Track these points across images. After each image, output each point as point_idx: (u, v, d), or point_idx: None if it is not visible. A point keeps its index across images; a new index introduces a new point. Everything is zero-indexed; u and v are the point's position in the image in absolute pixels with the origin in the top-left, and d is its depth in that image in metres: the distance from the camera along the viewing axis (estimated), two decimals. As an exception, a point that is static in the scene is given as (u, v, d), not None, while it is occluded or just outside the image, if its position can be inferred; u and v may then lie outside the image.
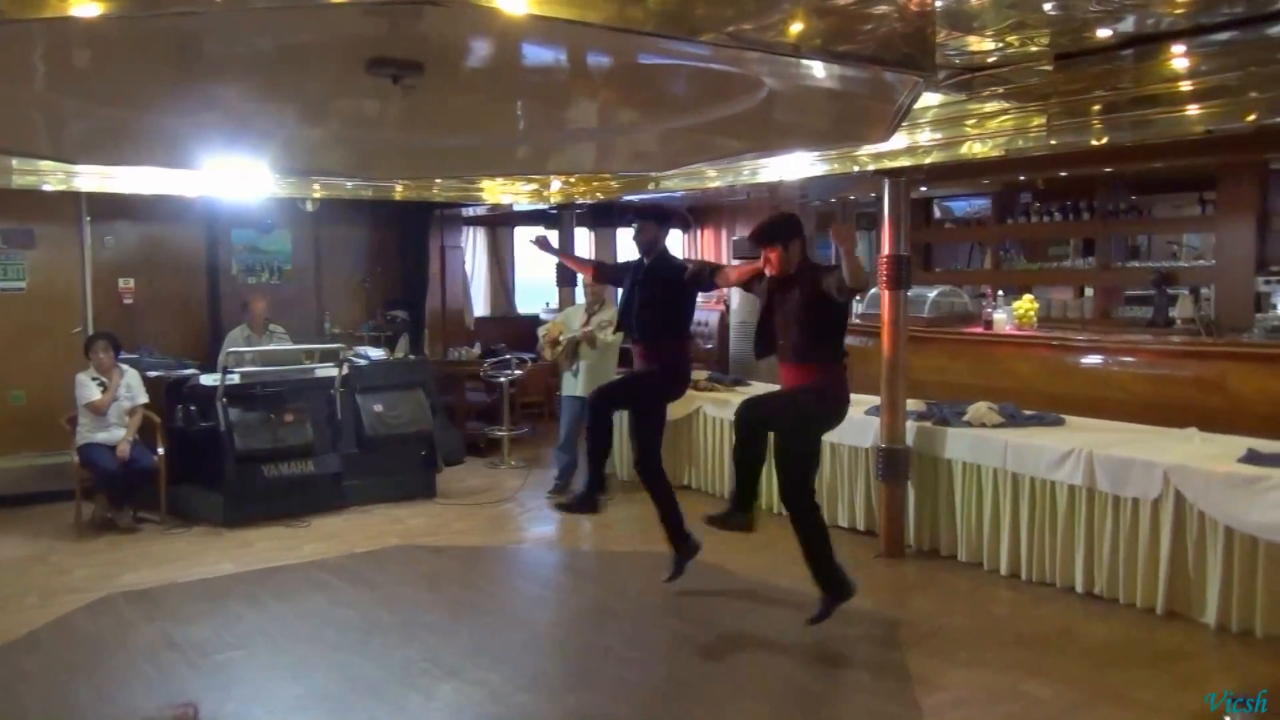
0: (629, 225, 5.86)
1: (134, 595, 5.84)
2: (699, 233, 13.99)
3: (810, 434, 5.06)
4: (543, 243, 6.47)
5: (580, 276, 8.16)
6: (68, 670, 4.78)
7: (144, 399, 7.47)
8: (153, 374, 7.88)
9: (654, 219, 5.75)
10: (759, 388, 8.39)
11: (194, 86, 4.70)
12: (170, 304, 9.46)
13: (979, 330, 8.58)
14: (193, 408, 7.53)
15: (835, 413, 5.06)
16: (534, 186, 9.11)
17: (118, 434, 7.30)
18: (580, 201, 9.27)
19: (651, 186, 8.61)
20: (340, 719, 4.29)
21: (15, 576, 6.22)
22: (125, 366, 7.54)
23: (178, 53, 4.10)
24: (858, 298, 4.53)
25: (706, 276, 5.46)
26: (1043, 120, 5.43)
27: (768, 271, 4.98)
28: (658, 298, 5.59)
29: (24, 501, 7.88)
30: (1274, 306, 7.88)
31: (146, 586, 5.99)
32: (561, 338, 7.98)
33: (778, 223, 5.00)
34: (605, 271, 6.38)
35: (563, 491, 8.12)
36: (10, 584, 6.07)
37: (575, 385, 7.95)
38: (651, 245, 5.71)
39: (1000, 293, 9.38)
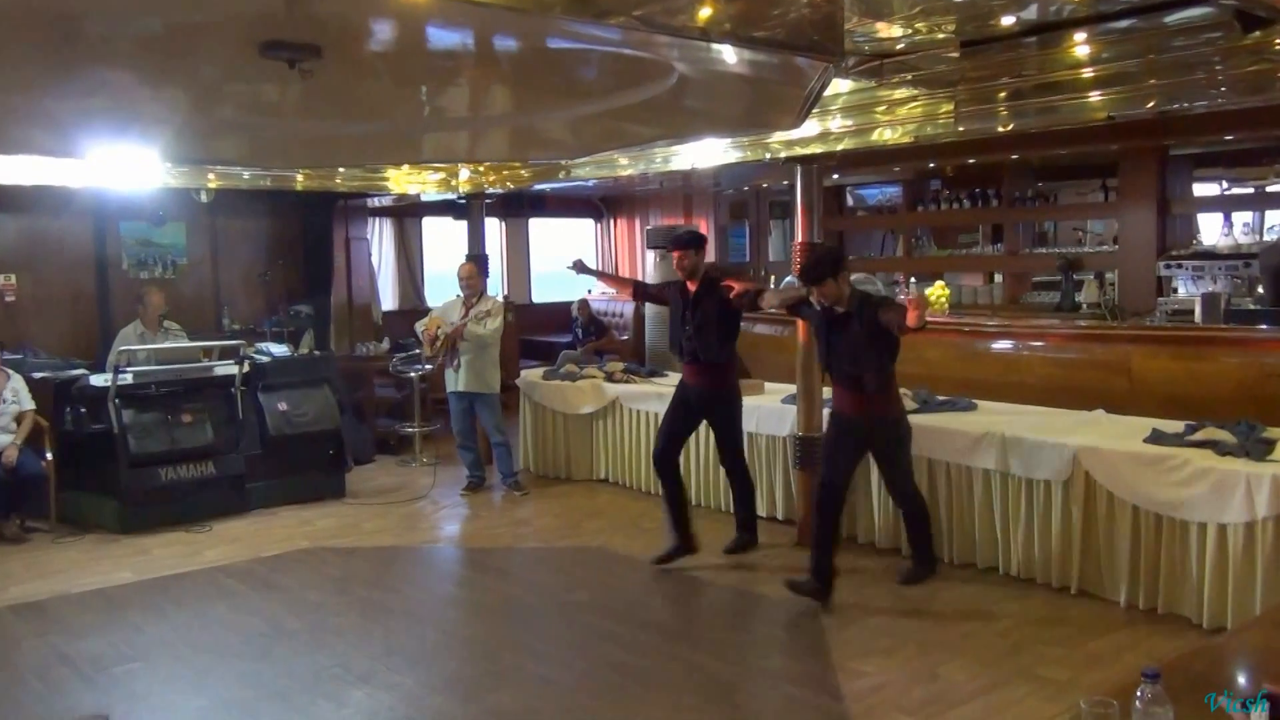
0: (673, 249, 6.12)
1: (22, 609, 5.62)
2: (613, 223, 14.00)
3: (908, 451, 5.60)
4: (580, 266, 6.82)
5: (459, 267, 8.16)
6: (-51, 690, 4.57)
7: (31, 406, 7.19)
8: (39, 375, 7.58)
9: (694, 245, 6.11)
10: (675, 378, 8.41)
11: (77, 68, 4.51)
12: (56, 301, 9.11)
13: (892, 317, 8.69)
14: (83, 410, 7.26)
15: (908, 428, 5.58)
16: (441, 176, 9.00)
17: (2, 440, 7.00)
18: (490, 190, 9.18)
19: (562, 175, 8.58)
20: (246, 730, 4.19)
21: (-110, 593, 5.92)
22: (10, 371, 7.23)
23: (57, 31, 3.93)
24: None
25: (750, 299, 5.87)
26: (951, 107, 5.54)
27: (816, 300, 5.42)
28: (710, 321, 6.00)
29: (-101, 513, 7.50)
30: (1174, 290, 8.18)
31: (36, 599, 5.77)
32: (439, 332, 7.85)
33: (825, 258, 5.39)
34: (645, 291, 6.72)
35: (478, 489, 8.07)
36: (-115, 601, 5.78)
37: (456, 381, 7.87)
38: (696, 269, 6.08)
39: (913, 279, 9.56)
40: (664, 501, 6.26)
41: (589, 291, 13.27)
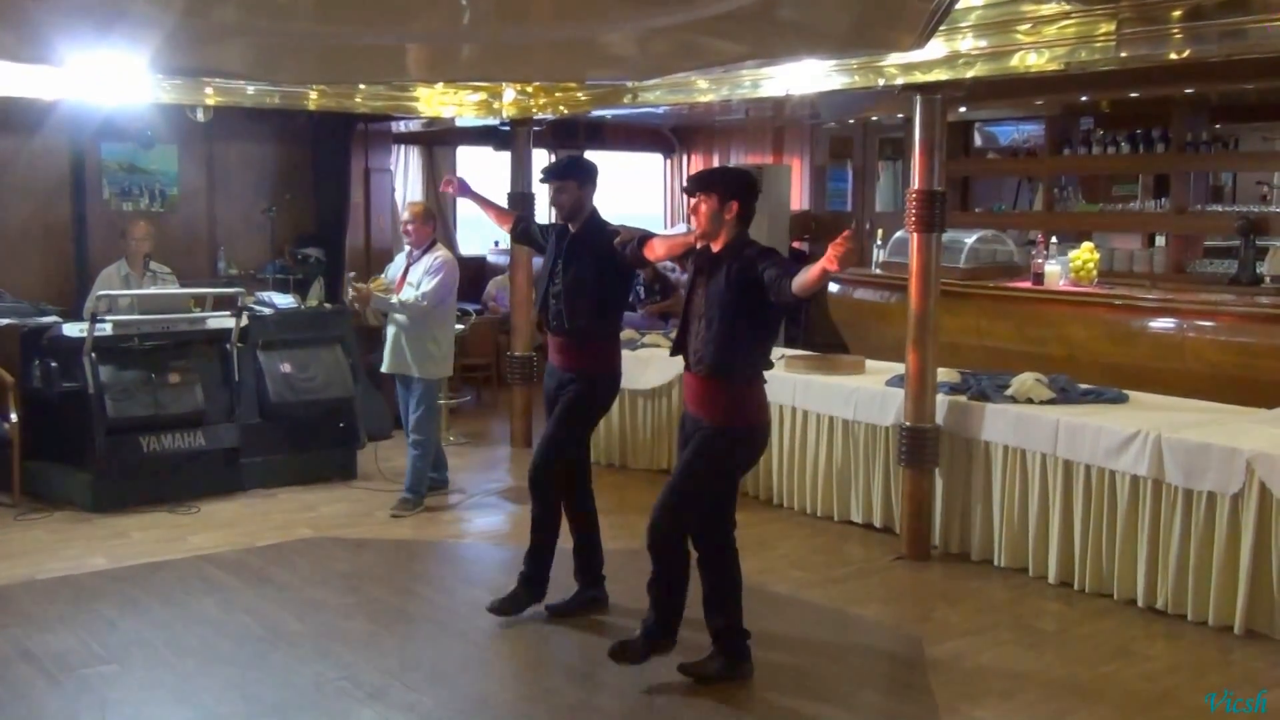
0: (545, 182, 5.65)
1: (-21, 595, 5.81)
2: (685, 159, 13.97)
3: (732, 480, 4.90)
4: (461, 187, 6.21)
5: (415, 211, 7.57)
6: (-104, 686, 4.75)
7: None
8: (3, 322, 7.76)
9: (575, 176, 5.54)
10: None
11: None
12: (25, 235, 9.30)
13: (1026, 285, 8.62)
14: (53, 364, 7.43)
15: (757, 451, 4.87)
16: (482, 96, 9.03)
17: (-40, 396, 7.21)
18: (539, 116, 9.19)
19: (627, 99, 8.57)
20: (236, 749, 4.30)
21: None
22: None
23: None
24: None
25: (634, 248, 5.18)
26: (1111, 27, 5.44)
27: (694, 226, 4.72)
28: (587, 278, 5.41)
29: None
30: (1383, 262, 7.97)
31: (-5, 585, 5.96)
32: (356, 289, 7.45)
33: (724, 172, 4.79)
34: (526, 231, 6.04)
35: (436, 490, 7.70)
36: None
37: (383, 357, 7.58)
38: (576, 209, 5.54)
39: (1053, 240, 9.42)
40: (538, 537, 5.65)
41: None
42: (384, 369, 7.57)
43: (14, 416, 7.34)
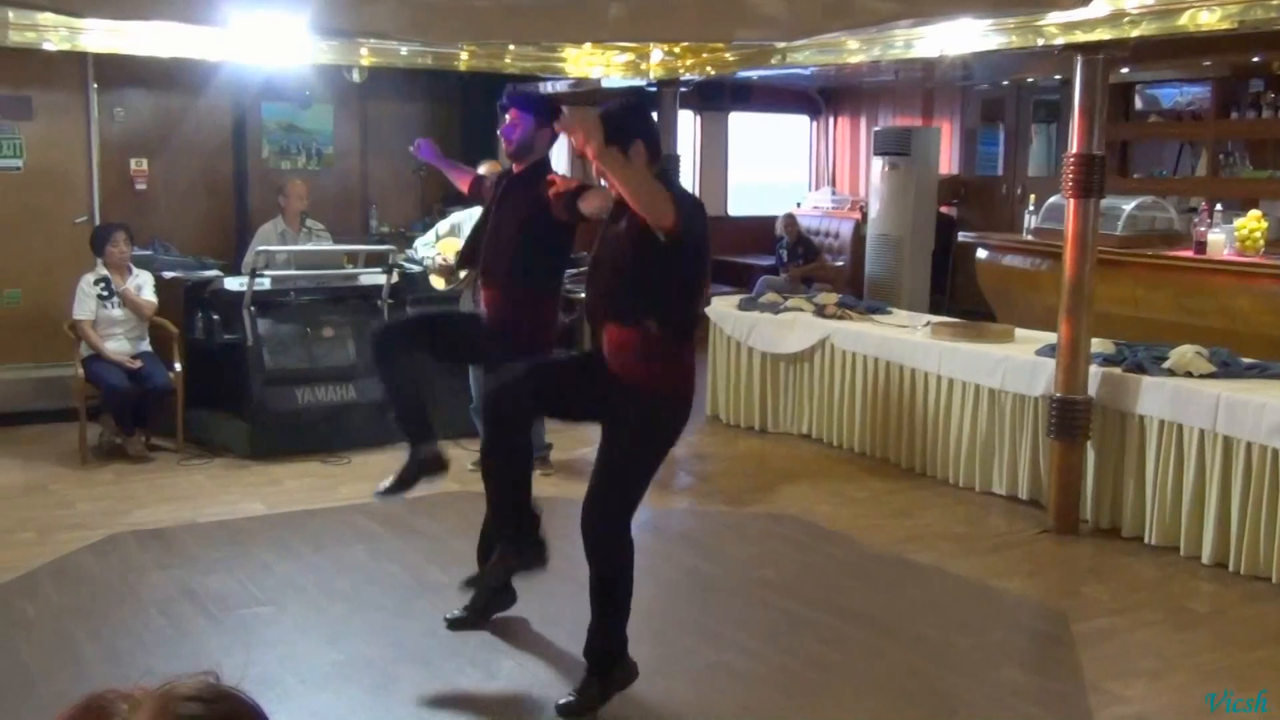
0: (504, 109, 5.06)
1: (145, 535, 6.07)
2: (831, 121, 13.78)
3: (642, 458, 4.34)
4: (425, 150, 5.68)
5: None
6: (69, 617, 5.01)
7: (153, 299, 7.63)
8: (169, 275, 8.07)
9: (531, 108, 4.96)
10: (901, 316, 8.29)
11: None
12: (190, 191, 9.66)
13: (1187, 254, 8.32)
14: (215, 317, 7.71)
15: (676, 421, 4.29)
16: (629, 57, 9.02)
17: (122, 346, 7.49)
18: (686, 77, 9.15)
19: (775, 60, 8.46)
20: (383, 692, 4.43)
21: (10, 508, 6.50)
22: (134, 268, 7.67)
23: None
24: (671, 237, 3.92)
25: (570, 202, 4.65)
26: (1291, -17, 5.18)
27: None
28: (519, 224, 4.87)
29: (19, 420, 8.18)
30: None
31: (160, 526, 6.22)
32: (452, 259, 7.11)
33: (633, 107, 4.28)
34: (479, 189, 5.59)
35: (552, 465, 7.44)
36: (4, 516, 6.35)
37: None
38: (524, 148, 4.96)
39: (1218, 207, 9.05)
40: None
41: (798, 205, 13.14)
42: None
43: (178, 366, 7.63)
